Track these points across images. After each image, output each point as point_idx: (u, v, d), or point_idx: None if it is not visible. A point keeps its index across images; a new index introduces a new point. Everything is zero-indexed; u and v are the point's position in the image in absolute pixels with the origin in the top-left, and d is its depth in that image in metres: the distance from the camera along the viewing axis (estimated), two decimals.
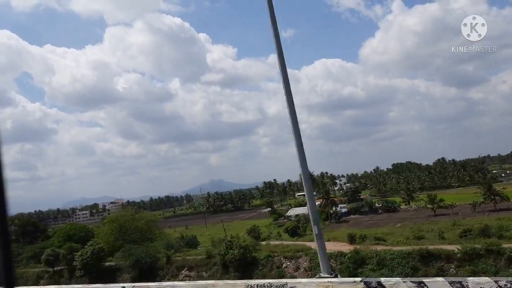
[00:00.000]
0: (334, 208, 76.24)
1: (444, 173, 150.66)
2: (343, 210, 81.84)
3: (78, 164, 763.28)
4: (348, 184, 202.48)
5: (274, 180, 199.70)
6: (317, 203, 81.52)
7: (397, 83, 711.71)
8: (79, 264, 40.20)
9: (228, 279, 32.65)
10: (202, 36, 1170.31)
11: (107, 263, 42.01)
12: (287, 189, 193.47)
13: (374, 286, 5.59)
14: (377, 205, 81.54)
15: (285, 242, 40.00)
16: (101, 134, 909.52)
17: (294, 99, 8.43)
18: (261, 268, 31.64)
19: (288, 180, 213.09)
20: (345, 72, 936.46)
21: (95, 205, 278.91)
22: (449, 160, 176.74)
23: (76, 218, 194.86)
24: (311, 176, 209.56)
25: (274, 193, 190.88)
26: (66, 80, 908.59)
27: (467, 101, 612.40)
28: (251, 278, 31.30)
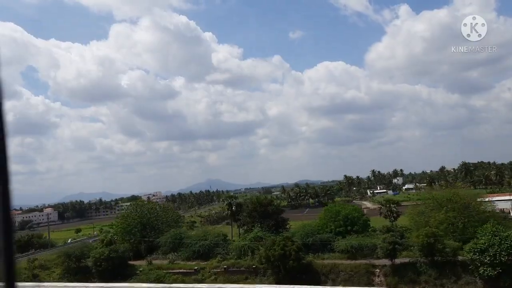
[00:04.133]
0: None
1: None
2: None
3: (77, 159, 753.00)
4: (411, 185, 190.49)
5: (345, 175, 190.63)
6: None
7: (400, 88, 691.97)
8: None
9: None
10: (208, 35, 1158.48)
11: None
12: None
13: None
14: None
15: None
16: (102, 130, 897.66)
17: (296, 102, 1.57)
18: None
19: (357, 177, 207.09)
20: (349, 75, 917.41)
21: (136, 197, 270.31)
22: None
23: (119, 210, 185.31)
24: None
25: (351, 189, 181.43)
26: (70, 74, 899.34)
27: (469, 108, 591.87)
28: None
